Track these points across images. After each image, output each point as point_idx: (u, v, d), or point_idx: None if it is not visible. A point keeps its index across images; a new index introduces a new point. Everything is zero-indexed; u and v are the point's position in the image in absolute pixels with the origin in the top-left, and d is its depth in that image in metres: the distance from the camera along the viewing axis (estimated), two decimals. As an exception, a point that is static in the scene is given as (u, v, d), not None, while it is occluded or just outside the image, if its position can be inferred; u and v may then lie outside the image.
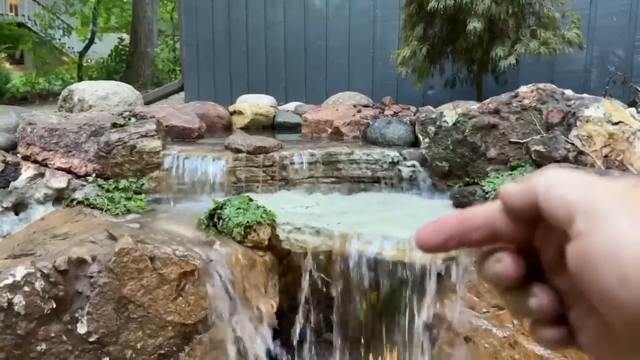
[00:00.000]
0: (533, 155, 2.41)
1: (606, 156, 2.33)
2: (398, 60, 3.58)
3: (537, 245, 0.36)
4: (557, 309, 0.35)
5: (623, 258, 0.27)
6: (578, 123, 2.37)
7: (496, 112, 2.53)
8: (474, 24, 3.10)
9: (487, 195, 2.27)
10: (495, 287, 0.37)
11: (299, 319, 2.18)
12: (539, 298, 0.35)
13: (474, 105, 2.63)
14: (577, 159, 2.32)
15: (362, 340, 2.16)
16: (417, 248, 0.37)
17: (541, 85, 2.58)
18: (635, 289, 0.27)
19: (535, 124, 2.47)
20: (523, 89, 2.59)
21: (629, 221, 0.28)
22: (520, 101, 2.53)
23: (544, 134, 2.44)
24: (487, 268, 0.36)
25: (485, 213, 0.36)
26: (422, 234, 0.37)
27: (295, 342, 2.19)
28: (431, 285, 1.99)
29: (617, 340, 0.31)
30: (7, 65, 11.81)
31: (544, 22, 3.32)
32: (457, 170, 2.60)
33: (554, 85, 2.59)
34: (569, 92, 2.54)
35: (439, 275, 1.99)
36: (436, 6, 3.19)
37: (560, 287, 0.35)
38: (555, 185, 0.32)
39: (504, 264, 0.35)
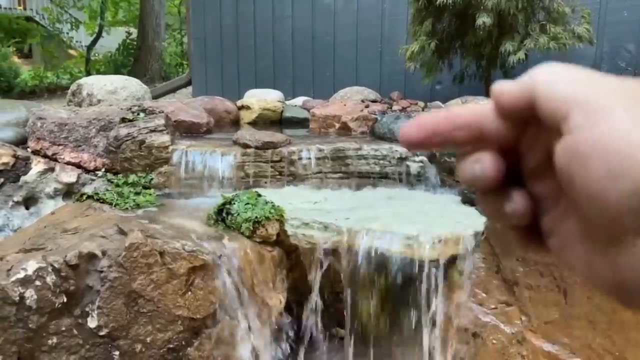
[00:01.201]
0: (542, 152, 2.40)
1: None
2: (407, 55, 3.57)
3: (521, 151, 0.35)
4: (531, 214, 0.34)
5: (616, 151, 0.27)
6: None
7: (505, 107, 2.52)
8: (483, 19, 3.08)
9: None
10: (473, 188, 0.36)
11: (307, 314, 2.19)
12: (515, 202, 0.34)
13: (483, 101, 2.62)
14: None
15: (370, 336, 2.16)
16: (401, 143, 0.36)
17: (551, 80, 2.57)
18: (624, 182, 0.27)
19: (545, 120, 2.46)
20: (532, 84, 2.58)
21: (627, 116, 0.28)
22: (530, 97, 2.51)
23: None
24: (465, 167, 0.35)
25: (473, 112, 0.35)
26: (406, 128, 0.36)
27: (303, 337, 2.20)
28: (439, 281, 1.99)
29: (593, 239, 0.31)
30: (16, 59, 11.87)
31: (554, 16, 3.29)
32: (465, 166, 2.59)
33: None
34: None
35: (447, 270, 1.99)
36: (445, 1, 3.17)
37: (538, 192, 0.35)
38: (555, 80, 0.31)
39: (483, 164, 0.34)
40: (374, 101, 3.58)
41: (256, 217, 2.09)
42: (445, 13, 3.45)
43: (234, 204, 2.16)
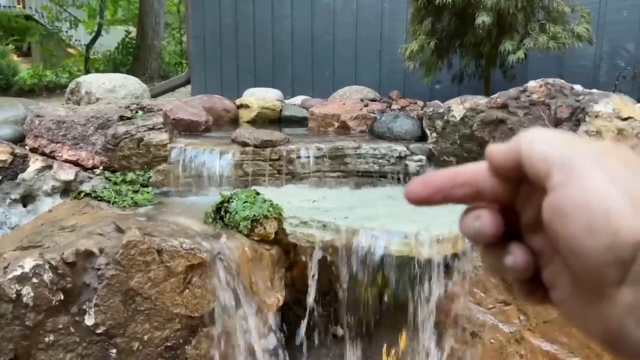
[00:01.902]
0: (541, 151, 2.39)
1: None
2: (406, 55, 3.56)
3: (518, 208, 0.38)
4: (531, 268, 0.36)
5: (591, 208, 0.30)
6: (587, 118, 2.35)
7: (504, 106, 2.52)
8: (483, 18, 3.07)
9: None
10: (474, 243, 0.39)
11: (305, 312, 2.18)
12: (515, 256, 0.36)
13: (482, 100, 2.62)
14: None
15: (368, 335, 2.16)
16: (405, 200, 0.39)
17: (550, 80, 2.56)
18: (600, 237, 0.29)
19: (544, 119, 2.46)
20: (532, 83, 2.57)
21: (600, 175, 0.31)
22: (529, 96, 2.51)
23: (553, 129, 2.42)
24: (466, 223, 0.38)
25: (471, 171, 0.38)
26: (411, 187, 0.39)
27: (301, 336, 2.19)
28: (438, 280, 1.98)
29: (582, 291, 0.33)
30: (15, 57, 11.85)
31: (553, 16, 3.29)
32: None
33: (563, 80, 2.57)
34: (578, 87, 2.52)
35: (445, 270, 1.98)
36: (444, 0, 3.17)
37: (536, 246, 0.37)
38: (537, 143, 0.34)
39: (482, 220, 0.37)
40: (373, 100, 3.58)
41: (254, 216, 2.09)
42: (445, 12, 3.45)
43: (232, 202, 2.15)
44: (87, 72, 10.49)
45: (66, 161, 2.71)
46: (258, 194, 2.23)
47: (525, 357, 1.85)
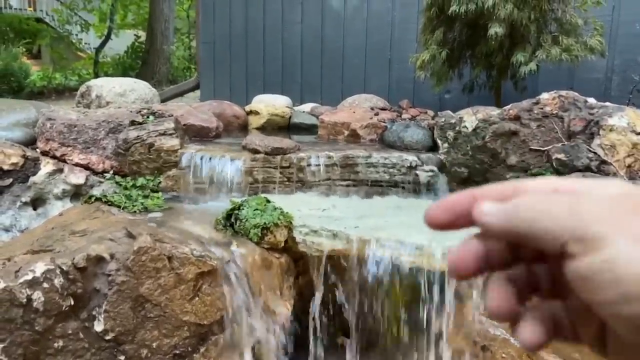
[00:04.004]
0: (554, 164, 2.38)
1: (629, 166, 2.30)
2: (417, 64, 3.56)
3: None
4: (545, 337, 0.35)
5: (623, 277, 0.29)
6: (601, 132, 2.34)
7: (517, 118, 2.51)
8: (496, 29, 3.06)
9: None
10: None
11: (314, 322, 2.16)
12: (525, 334, 0.35)
13: (494, 111, 2.61)
14: (600, 169, 2.29)
15: (377, 346, 2.14)
16: (426, 225, 0.38)
17: (563, 92, 2.55)
18: (637, 304, 0.29)
19: (557, 132, 2.44)
20: (544, 95, 2.56)
21: (623, 238, 0.29)
22: (542, 108, 2.49)
23: (566, 142, 2.41)
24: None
25: (495, 193, 0.36)
26: (432, 211, 0.37)
27: (309, 345, 2.18)
28: (449, 292, 1.97)
29: (627, 346, 0.32)
30: (25, 59, 11.94)
31: (566, 28, 3.28)
32: (476, 176, 2.57)
33: (576, 93, 2.56)
34: (591, 101, 2.51)
35: (457, 282, 1.96)
36: (457, 10, 3.17)
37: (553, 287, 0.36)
38: (537, 220, 0.32)
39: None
40: (383, 109, 3.57)
41: (265, 223, 2.08)
42: (457, 22, 3.44)
43: (243, 209, 2.14)
44: (96, 75, 10.55)
45: (77, 165, 2.71)
46: (268, 201, 2.22)
47: (537, 372, 1.82)
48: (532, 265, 0.37)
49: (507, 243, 0.36)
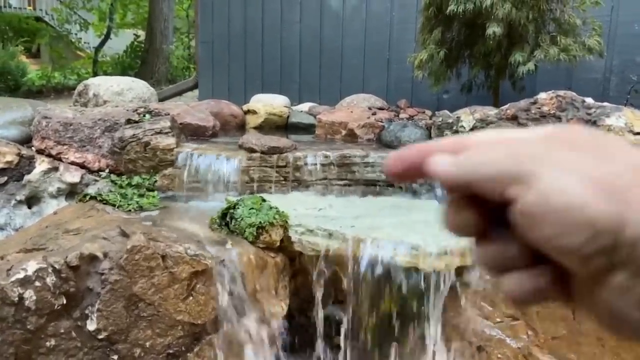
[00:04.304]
0: (551, 164, 2.37)
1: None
2: (415, 64, 3.55)
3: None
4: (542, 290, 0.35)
5: (559, 209, 0.30)
6: (598, 132, 2.32)
7: (514, 118, 2.50)
8: (494, 29, 3.05)
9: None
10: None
11: (309, 321, 2.15)
12: (515, 283, 0.35)
13: (491, 111, 2.60)
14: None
15: (372, 346, 2.13)
16: (386, 173, 0.40)
17: (561, 92, 2.54)
18: (578, 234, 0.29)
19: (554, 132, 2.43)
20: (542, 95, 2.55)
21: (557, 172, 0.30)
22: (539, 108, 2.48)
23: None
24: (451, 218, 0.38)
25: (438, 148, 0.37)
26: (390, 160, 0.39)
27: (304, 345, 2.16)
28: (444, 292, 1.96)
29: (582, 282, 0.32)
30: (24, 58, 11.92)
31: (565, 28, 3.27)
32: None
33: (574, 93, 2.55)
34: (589, 100, 2.50)
35: (452, 282, 1.95)
36: (455, 10, 3.16)
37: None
38: (480, 168, 0.33)
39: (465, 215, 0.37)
40: (380, 108, 3.56)
41: (260, 223, 2.07)
42: (455, 22, 3.43)
43: (238, 208, 2.13)
44: (95, 74, 10.53)
45: (72, 163, 2.70)
46: (264, 200, 2.21)
47: (532, 373, 1.81)
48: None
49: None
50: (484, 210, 0.36)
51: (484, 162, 0.33)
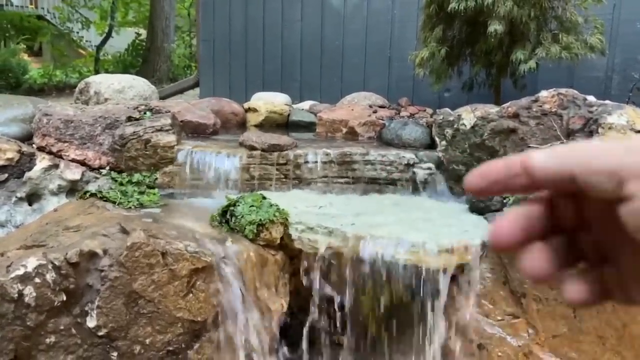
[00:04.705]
0: (552, 162, 2.36)
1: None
2: (416, 62, 3.54)
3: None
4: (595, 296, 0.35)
5: None
6: (600, 130, 2.32)
7: (515, 116, 2.49)
8: (495, 27, 3.04)
9: (504, 201, 2.23)
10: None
11: (309, 319, 2.15)
12: (573, 291, 0.36)
13: (492, 109, 2.59)
14: (598, 167, 2.27)
15: (372, 344, 2.12)
16: (466, 191, 0.40)
17: (562, 90, 2.53)
18: None
19: (556, 130, 2.42)
20: (544, 93, 2.54)
21: None
22: (541, 106, 2.47)
23: (565, 140, 2.39)
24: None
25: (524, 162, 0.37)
26: (470, 178, 0.39)
27: (304, 343, 2.16)
28: (445, 290, 1.95)
29: None
30: (26, 57, 11.92)
31: (566, 26, 3.26)
32: (473, 174, 2.55)
33: (575, 91, 2.53)
34: (591, 98, 2.49)
35: (453, 280, 1.95)
36: (456, 7, 3.15)
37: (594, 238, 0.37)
38: (594, 159, 0.33)
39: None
40: (381, 107, 3.55)
41: (260, 220, 2.06)
42: (456, 20, 3.42)
43: (239, 206, 2.13)
44: (97, 72, 10.53)
45: (73, 160, 2.70)
46: (264, 198, 2.21)
47: (533, 371, 1.81)
48: (574, 235, 0.38)
49: (551, 207, 0.37)
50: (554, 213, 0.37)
51: (598, 156, 0.33)
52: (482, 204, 2.31)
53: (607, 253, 0.36)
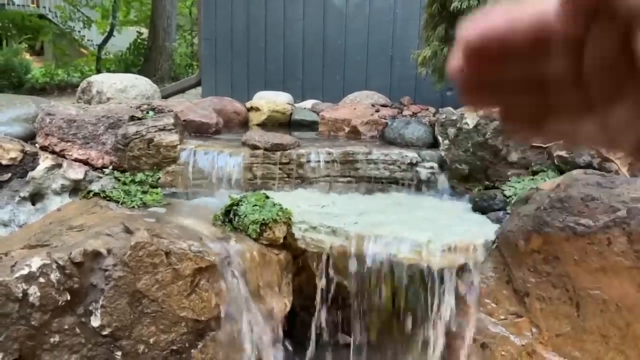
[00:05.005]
0: (556, 161, 2.36)
1: (631, 164, 2.28)
2: (419, 61, 3.54)
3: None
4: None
5: None
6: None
7: (518, 115, 2.49)
8: (498, 25, 3.03)
9: (507, 200, 2.23)
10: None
11: (313, 319, 2.15)
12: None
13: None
14: (602, 166, 2.27)
15: (376, 344, 2.13)
16: (459, 49, 0.33)
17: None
18: None
19: (559, 129, 2.42)
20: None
21: None
22: (544, 105, 2.48)
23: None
24: None
25: (533, 14, 0.31)
26: (466, 31, 0.32)
27: (308, 343, 2.16)
28: (448, 289, 1.95)
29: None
30: (28, 56, 11.93)
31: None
32: (477, 173, 2.56)
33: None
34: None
35: (456, 279, 1.95)
36: (459, 6, 3.14)
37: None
38: None
39: None
40: (384, 106, 3.55)
41: (263, 220, 2.07)
42: (459, 18, 3.42)
43: (242, 205, 2.13)
44: (99, 71, 10.54)
45: (76, 160, 2.70)
46: (267, 197, 2.21)
47: (536, 370, 1.81)
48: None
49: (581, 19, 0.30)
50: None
51: None
52: (486, 204, 2.31)
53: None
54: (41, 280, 1.62)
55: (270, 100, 4.01)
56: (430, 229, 2.12)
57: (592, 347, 1.73)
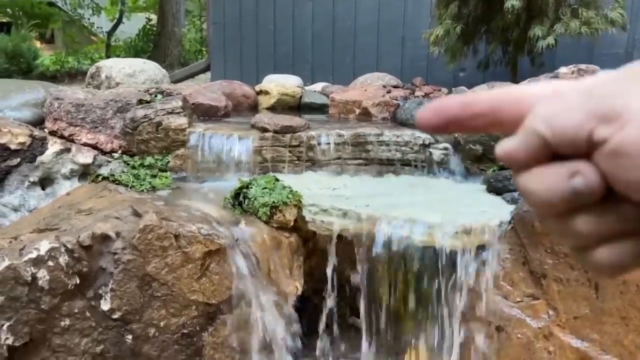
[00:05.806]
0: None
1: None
2: (430, 40, 3.46)
3: None
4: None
5: None
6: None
7: (534, 93, 2.42)
8: (512, 2, 2.95)
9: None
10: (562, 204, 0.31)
11: (324, 302, 2.13)
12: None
13: (510, 87, 2.52)
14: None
15: (388, 327, 2.10)
16: (417, 126, 0.37)
17: (582, 66, 2.46)
18: None
19: (576, 107, 2.35)
20: (563, 69, 2.47)
21: None
22: (561, 83, 2.40)
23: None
24: (551, 184, 0.31)
25: (489, 101, 0.34)
26: (424, 113, 0.36)
27: (319, 326, 2.14)
28: (462, 271, 1.91)
29: None
30: (38, 44, 11.93)
31: (586, 0, 3.15)
32: (491, 154, 2.50)
33: (596, 67, 2.46)
34: (613, 74, 2.41)
35: (470, 261, 1.91)
36: (472, -17, 3.06)
37: None
38: (555, 121, 0.30)
39: (587, 177, 0.30)
40: (395, 87, 3.49)
41: (273, 202, 2.04)
42: (472, -4, 3.33)
43: (251, 188, 2.10)
44: (109, 58, 10.52)
45: (85, 144, 2.69)
46: (277, 180, 2.18)
47: (553, 353, 1.77)
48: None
49: None
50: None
51: (557, 113, 0.30)
52: (500, 184, 2.26)
53: None
54: (50, 263, 1.61)
55: (280, 84, 3.96)
56: (443, 210, 2.07)
57: (612, 329, 1.69)
